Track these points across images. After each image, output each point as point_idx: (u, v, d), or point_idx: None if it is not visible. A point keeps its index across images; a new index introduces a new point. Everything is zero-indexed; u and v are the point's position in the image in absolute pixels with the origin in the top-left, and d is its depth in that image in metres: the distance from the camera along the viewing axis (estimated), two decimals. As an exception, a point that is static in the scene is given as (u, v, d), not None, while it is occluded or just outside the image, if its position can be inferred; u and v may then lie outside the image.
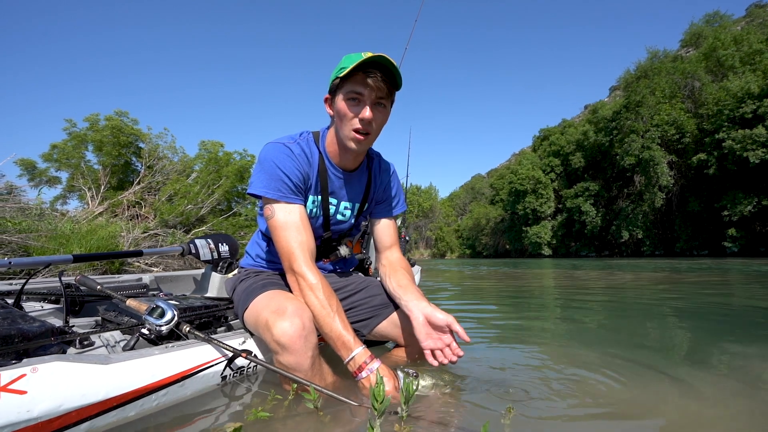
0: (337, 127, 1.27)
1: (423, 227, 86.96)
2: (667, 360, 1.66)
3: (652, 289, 4.95)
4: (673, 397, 1.20)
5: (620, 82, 42.58)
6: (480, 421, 0.82)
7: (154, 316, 1.14)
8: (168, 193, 9.55)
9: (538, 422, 0.98)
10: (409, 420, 0.91)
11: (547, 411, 1.06)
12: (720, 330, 2.36)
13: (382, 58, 1.15)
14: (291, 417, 1.00)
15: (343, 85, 1.19)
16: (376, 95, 1.19)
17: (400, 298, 1.31)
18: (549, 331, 2.35)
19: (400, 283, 1.35)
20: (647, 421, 1.03)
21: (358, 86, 1.18)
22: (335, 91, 1.22)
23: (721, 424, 1.02)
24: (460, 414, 1.01)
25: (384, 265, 1.46)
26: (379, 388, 0.82)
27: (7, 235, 4.03)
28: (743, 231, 28.61)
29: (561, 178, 49.19)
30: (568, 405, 1.11)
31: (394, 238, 1.50)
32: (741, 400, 1.19)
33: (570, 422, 0.99)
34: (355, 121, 1.21)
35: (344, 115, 1.21)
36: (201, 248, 1.80)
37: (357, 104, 1.20)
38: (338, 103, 1.22)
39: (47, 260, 1.41)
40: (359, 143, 1.24)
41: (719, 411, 1.11)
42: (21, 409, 0.75)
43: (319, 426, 0.95)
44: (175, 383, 1.03)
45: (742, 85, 27.41)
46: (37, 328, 0.96)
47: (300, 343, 1.06)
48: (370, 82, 1.16)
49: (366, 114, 1.19)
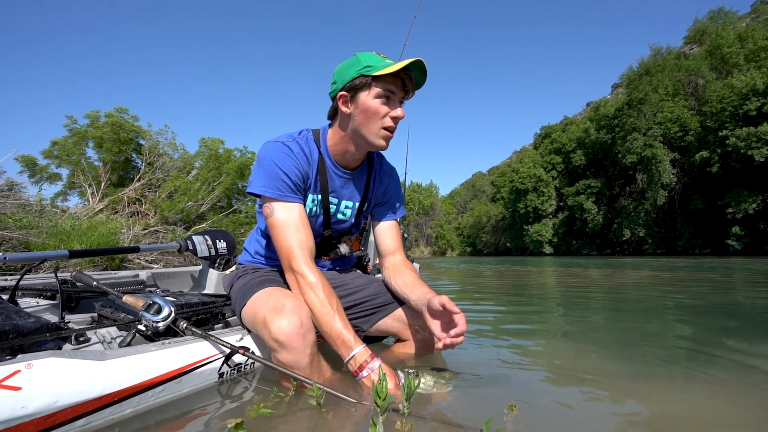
0: (356, 125, 1.25)
1: (423, 225, 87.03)
2: (670, 357, 1.65)
3: (654, 288, 4.93)
4: (678, 395, 1.19)
5: (623, 79, 42.42)
6: (482, 419, 0.82)
7: (150, 313, 1.13)
8: (168, 190, 9.57)
9: (540, 420, 0.97)
10: (410, 417, 0.91)
11: (549, 409, 1.05)
12: (723, 328, 2.34)
13: (419, 62, 1.19)
14: (293, 413, 1.00)
15: (375, 83, 1.19)
16: (404, 95, 1.24)
17: (409, 295, 1.30)
18: (551, 329, 2.34)
19: (406, 281, 1.34)
20: (652, 418, 1.02)
21: (391, 86, 1.20)
22: (359, 89, 1.21)
23: (724, 421, 1.01)
24: (462, 411, 1.00)
25: (387, 267, 1.44)
26: (382, 385, 0.82)
27: (8, 231, 4.04)
28: (747, 229, 28.54)
29: (562, 176, 49.14)
30: (571, 402, 1.10)
31: (398, 241, 1.49)
32: (745, 397, 1.17)
33: (573, 420, 0.99)
34: (386, 120, 1.22)
35: (375, 113, 1.21)
36: (198, 244, 1.79)
37: (387, 102, 1.22)
38: (367, 101, 1.20)
39: (43, 256, 1.41)
40: (388, 140, 1.27)
41: (723, 408, 1.10)
42: (15, 406, 0.75)
43: (321, 422, 0.95)
44: (172, 380, 1.02)
45: (746, 83, 27.26)
46: (32, 323, 0.95)
47: (298, 341, 1.05)
48: (408, 83, 1.21)
49: (399, 112, 1.22)
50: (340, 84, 1.23)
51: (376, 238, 1.51)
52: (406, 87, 1.23)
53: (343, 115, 1.27)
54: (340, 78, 1.23)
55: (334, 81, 1.26)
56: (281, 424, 0.95)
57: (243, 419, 0.82)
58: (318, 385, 0.95)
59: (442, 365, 1.37)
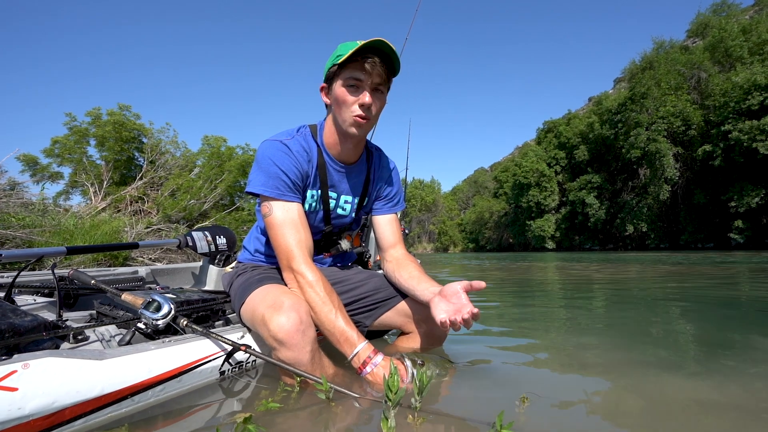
0: (335, 114, 1.26)
1: (426, 221, 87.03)
2: (678, 347, 1.66)
3: (657, 281, 4.91)
4: (687, 383, 1.19)
5: (625, 73, 42.17)
6: (494, 411, 0.80)
7: (150, 310, 1.12)
8: (171, 188, 9.57)
9: (553, 412, 0.96)
10: (421, 411, 0.90)
11: (561, 400, 1.04)
12: (728, 319, 2.33)
13: (380, 43, 1.15)
14: (301, 408, 1.00)
15: (341, 71, 1.19)
16: (374, 81, 1.19)
17: (415, 288, 1.28)
18: (556, 321, 2.34)
19: (411, 274, 1.32)
20: (663, 406, 1.01)
21: (356, 72, 1.17)
22: (332, 78, 1.23)
23: (726, 414, 1.00)
24: (473, 404, 0.99)
25: (390, 261, 1.43)
26: (393, 378, 0.81)
27: (11, 230, 4.05)
28: (749, 223, 28.44)
29: (565, 171, 49.05)
30: (582, 394, 1.09)
31: (397, 235, 1.48)
32: (754, 386, 1.16)
33: (585, 411, 0.98)
34: (355, 107, 1.21)
35: (343, 102, 1.21)
36: (198, 241, 1.77)
37: (356, 90, 1.20)
38: (336, 90, 1.21)
39: (40, 252, 1.38)
40: (360, 128, 1.24)
41: (734, 395, 1.09)
42: (12, 407, 0.73)
43: (330, 417, 0.94)
44: (173, 379, 1.01)
45: (749, 76, 27.05)
46: (29, 322, 0.93)
47: (298, 338, 1.04)
48: (368, 67, 1.16)
49: (366, 99, 1.19)
50: (323, 76, 1.26)
51: (376, 232, 1.50)
52: (374, 72, 1.17)
53: (327, 105, 1.30)
54: (324, 70, 1.26)
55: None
56: (290, 418, 0.94)
57: (252, 413, 0.81)
58: (316, 379, 0.94)
59: (445, 356, 1.36)
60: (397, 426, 0.80)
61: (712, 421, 0.95)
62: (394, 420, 0.78)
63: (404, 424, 0.86)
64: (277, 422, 0.91)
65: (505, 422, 0.79)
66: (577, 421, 0.93)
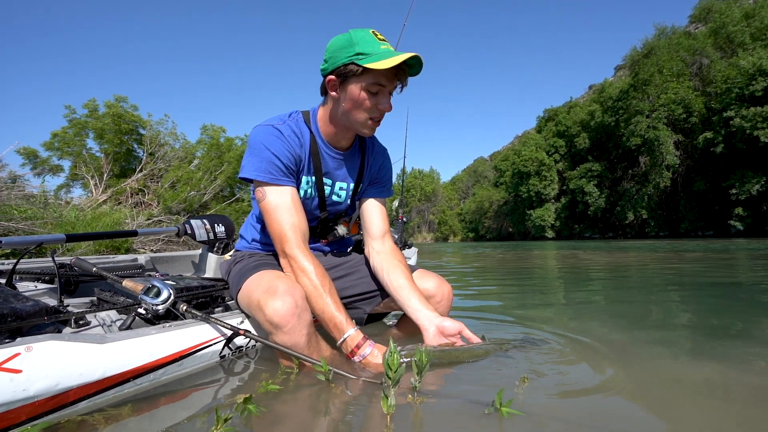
0: (344, 111, 1.22)
1: (425, 211, 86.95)
2: (677, 330, 1.67)
3: (656, 267, 4.93)
4: (686, 365, 1.20)
5: (626, 60, 41.59)
6: (493, 391, 0.82)
7: (150, 296, 1.13)
8: (171, 180, 9.57)
9: (553, 391, 0.97)
10: (421, 391, 0.91)
11: (561, 381, 1.06)
12: (727, 308, 2.34)
13: (414, 59, 1.14)
14: (300, 389, 1.01)
15: (365, 75, 1.13)
16: (394, 87, 1.20)
17: (405, 302, 1.26)
18: (556, 305, 2.36)
19: (400, 284, 1.29)
20: (661, 387, 1.03)
21: (382, 79, 1.15)
22: (349, 76, 1.14)
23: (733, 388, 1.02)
24: (473, 384, 1.00)
25: (378, 252, 1.38)
26: (393, 357, 0.81)
27: (13, 222, 4.07)
28: (750, 210, 28.40)
29: (565, 160, 48.81)
30: (581, 375, 1.11)
31: (386, 225, 1.44)
32: (751, 367, 1.17)
33: (583, 394, 0.99)
34: (373, 110, 1.20)
35: (361, 104, 1.18)
36: (197, 229, 1.78)
37: (376, 94, 1.18)
38: (353, 90, 1.16)
39: (39, 239, 1.39)
40: (373, 130, 1.26)
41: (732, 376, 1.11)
42: (17, 388, 0.75)
43: (329, 397, 0.95)
44: (174, 363, 1.03)
45: (753, 62, 26.74)
46: (31, 307, 0.95)
47: (293, 322, 1.05)
48: (398, 79, 1.18)
49: (386, 106, 1.20)
50: (331, 65, 1.16)
51: (364, 217, 1.45)
52: (399, 79, 1.19)
53: (332, 97, 1.23)
54: (331, 58, 1.17)
55: (326, 59, 1.19)
56: (290, 399, 0.96)
57: (252, 394, 0.82)
58: (313, 360, 0.96)
59: None
60: (397, 405, 0.80)
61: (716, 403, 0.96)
62: (394, 398, 0.78)
63: (404, 403, 0.87)
64: (277, 403, 0.93)
65: (505, 400, 0.80)
66: (577, 401, 0.94)
